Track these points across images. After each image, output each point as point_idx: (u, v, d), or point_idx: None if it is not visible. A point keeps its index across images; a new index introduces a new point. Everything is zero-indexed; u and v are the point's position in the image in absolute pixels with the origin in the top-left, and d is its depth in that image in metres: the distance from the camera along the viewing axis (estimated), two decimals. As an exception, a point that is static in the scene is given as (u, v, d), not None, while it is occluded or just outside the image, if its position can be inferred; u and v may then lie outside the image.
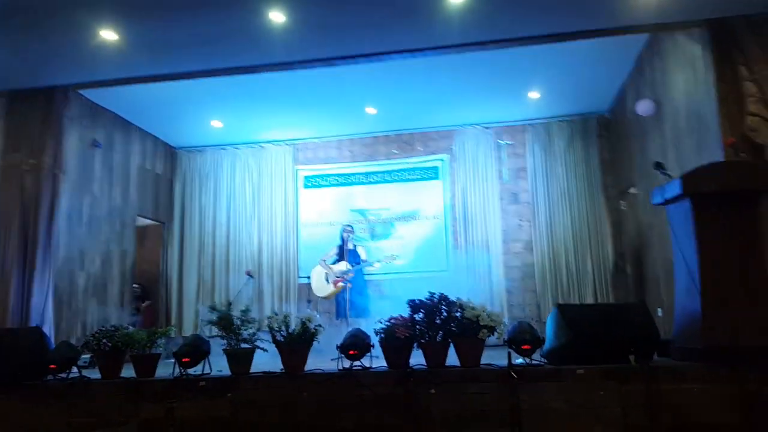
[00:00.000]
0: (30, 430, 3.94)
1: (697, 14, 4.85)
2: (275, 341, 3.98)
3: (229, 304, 4.23)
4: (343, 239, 7.00)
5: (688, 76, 5.22)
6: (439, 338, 3.87)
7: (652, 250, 6.32)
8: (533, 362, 3.74)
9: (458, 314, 3.86)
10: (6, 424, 3.98)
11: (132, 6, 4.57)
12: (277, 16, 4.73)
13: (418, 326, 3.88)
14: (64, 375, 4.14)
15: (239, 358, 4.00)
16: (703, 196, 3.66)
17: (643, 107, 6.02)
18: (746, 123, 4.54)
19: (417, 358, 3.86)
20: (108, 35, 4.93)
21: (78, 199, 6.64)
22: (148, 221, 8.29)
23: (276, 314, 4.07)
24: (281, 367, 3.96)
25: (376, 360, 3.95)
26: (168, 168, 8.73)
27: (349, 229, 7.07)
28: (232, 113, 7.65)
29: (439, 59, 5.84)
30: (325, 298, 6.99)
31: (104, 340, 4.18)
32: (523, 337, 3.74)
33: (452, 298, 3.94)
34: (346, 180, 8.56)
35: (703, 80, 4.92)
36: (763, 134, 4.49)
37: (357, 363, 3.87)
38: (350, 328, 4.54)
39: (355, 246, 7.02)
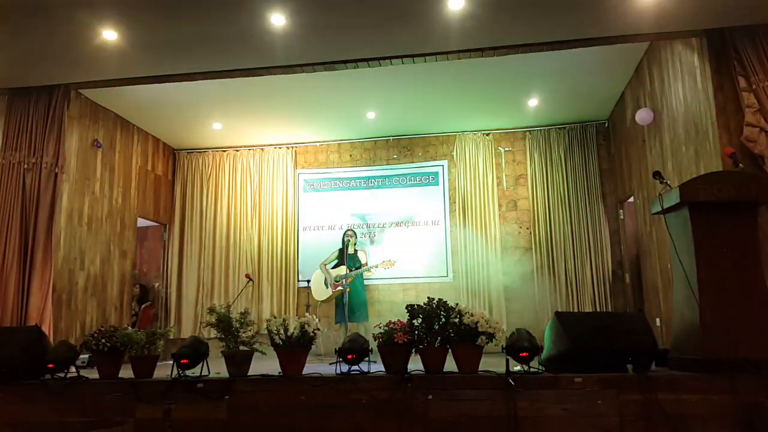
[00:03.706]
0: (27, 428, 3.94)
1: (696, 24, 4.88)
2: (273, 344, 3.99)
3: (228, 306, 4.24)
4: (344, 243, 6.98)
5: (686, 86, 5.25)
6: (437, 344, 3.87)
7: (651, 259, 6.33)
8: (531, 369, 3.75)
9: (457, 320, 3.87)
10: (3, 422, 3.98)
11: (134, 7, 4.58)
12: (277, 19, 4.75)
13: (416, 332, 3.88)
14: (62, 374, 4.13)
15: (237, 360, 4.01)
16: (701, 205, 3.67)
17: (642, 116, 6.05)
18: (744, 133, 4.56)
19: (415, 364, 3.87)
20: (109, 35, 4.94)
21: (78, 198, 6.65)
22: (148, 222, 8.31)
23: (275, 317, 4.09)
24: (279, 370, 3.97)
25: (374, 365, 3.95)
26: (169, 169, 8.75)
27: (351, 233, 7.03)
28: (233, 115, 7.67)
29: (440, 65, 5.87)
30: (324, 302, 6.99)
31: (103, 340, 4.18)
32: (521, 345, 3.74)
33: (451, 303, 3.95)
34: (346, 184, 8.58)
35: (701, 90, 4.95)
36: (761, 144, 4.51)
37: (355, 367, 3.88)
38: (349, 333, 4.54)
39: (356, 250, 7.00)
